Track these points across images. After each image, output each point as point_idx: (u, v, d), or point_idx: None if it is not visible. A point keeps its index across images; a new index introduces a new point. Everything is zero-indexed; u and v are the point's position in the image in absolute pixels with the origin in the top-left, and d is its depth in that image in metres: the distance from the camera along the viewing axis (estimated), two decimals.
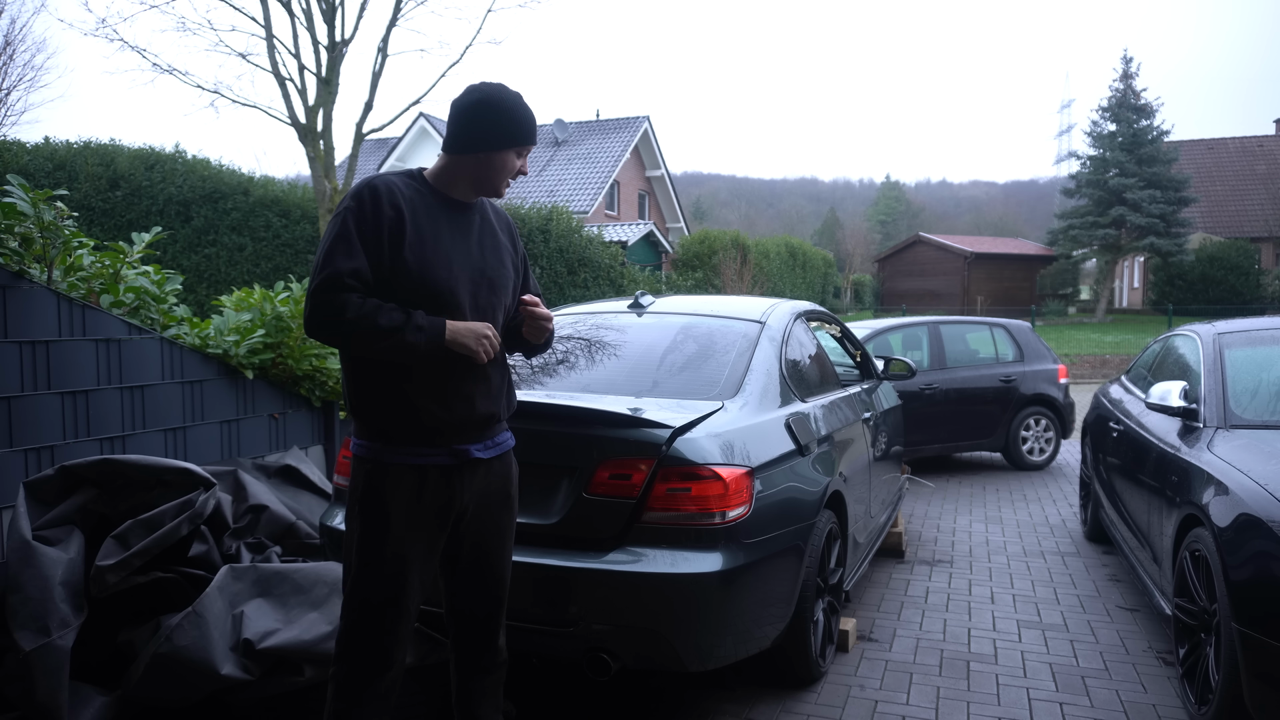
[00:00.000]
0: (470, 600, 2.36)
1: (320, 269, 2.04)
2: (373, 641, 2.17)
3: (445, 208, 2.22)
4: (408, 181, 2.20)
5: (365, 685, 2.18)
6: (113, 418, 3.44)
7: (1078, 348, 20.65)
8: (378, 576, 2.15)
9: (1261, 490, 2.86)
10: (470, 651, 2.39)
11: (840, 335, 5.13)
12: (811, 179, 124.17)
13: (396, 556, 2.16)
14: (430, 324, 2.07)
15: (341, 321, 2.01)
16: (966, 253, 36.65)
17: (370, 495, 2.17)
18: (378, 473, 2.17)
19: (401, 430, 2.16)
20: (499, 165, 2.21)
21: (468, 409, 2.20)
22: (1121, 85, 31.57)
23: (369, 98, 13.14)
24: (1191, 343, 4.37)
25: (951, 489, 7.50)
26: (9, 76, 22.12)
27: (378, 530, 2.16)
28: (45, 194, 3.33)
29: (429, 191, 2.21)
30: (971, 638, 3.97)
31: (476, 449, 2.25)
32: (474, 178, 2.23)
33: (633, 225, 26.42)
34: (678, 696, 3.31)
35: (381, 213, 2.08)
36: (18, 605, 2.60)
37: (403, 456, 2.17)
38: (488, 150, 2.19)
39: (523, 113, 2.21)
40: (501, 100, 2.19)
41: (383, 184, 2.14)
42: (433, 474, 2.19)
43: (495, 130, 2.18)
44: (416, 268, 2.10)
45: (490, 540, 2.34)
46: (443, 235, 2.17)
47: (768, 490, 3.00)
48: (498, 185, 2.25)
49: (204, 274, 16.67)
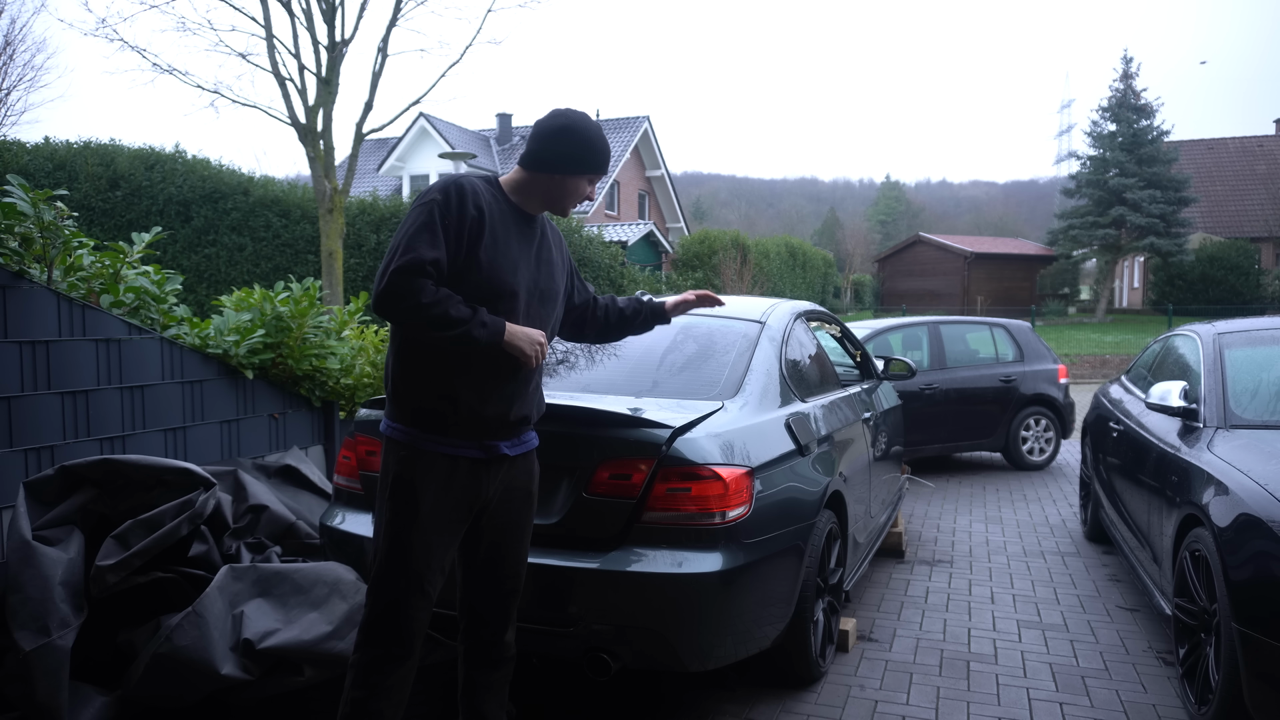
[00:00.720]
0: (485, 593, 2.43)
1: (403, 252, 2.11)
2: (397, 628, 2.24)
3: (516, 217, 2.34)
4: (488, 187, 2.31)
5: (386, 673, 2.24)
6: (113, 418, 3.44)
7: (1078, 348, 20.65)
8: (406, 561, 2.23)
9: (1261, 490, 2.86)
10: (480, 644, 2.46)
11: (840, 335, 5.13)
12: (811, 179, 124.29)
13: (423, 543, 2.24)
14: (493, 322, 2.18)
15: (418, 305, 2.09)
16: (966, 253, 36.65)
17: (402, 482, 2.25)
18: (411, 459, 2.25)
19: (439, 420, 2.25)
20: (571, 189, 2.36)
21: (505, 409, 2.30)
22: (1121, 85, 31.57)
23: (369, 98, 13.13)
24: (1191, 343, 4.37)
25: (951, 489, 7.50)
26: (9, 76, 22.13)
27: (407, 515, 2.23)
28: (45, 194, 3.33)
29: (504, 199, 2.33)
30: (971, 638, 3.97)
31: (506, 446, 2.35)
32: (546, 195, 2.36)
33: (633, 225, 26.43)
34: (678, 696, 3.31)
35: (466, 211, 2.19)
36: (18, 605, 2.60)
37: (437, 445, 2.25)
38: (564, 173, 2.33)
39: (601, 144, 2.35)
40: (585, 130, 2.32)
41: (468, 185, 2.24)
42: (463, 465, 2.28)
43: (574, 156, 2.32)
44: (487, 268, 2.21)
45: (509, 535, 2.43)
46: (512, 242, 2.29)
47: (768, 490, 3.00)
48: (566, 206, 2.39)
49: (204, 274, 16.66)
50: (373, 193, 18.35)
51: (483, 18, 14.23)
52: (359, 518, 3.22)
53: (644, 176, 34.00)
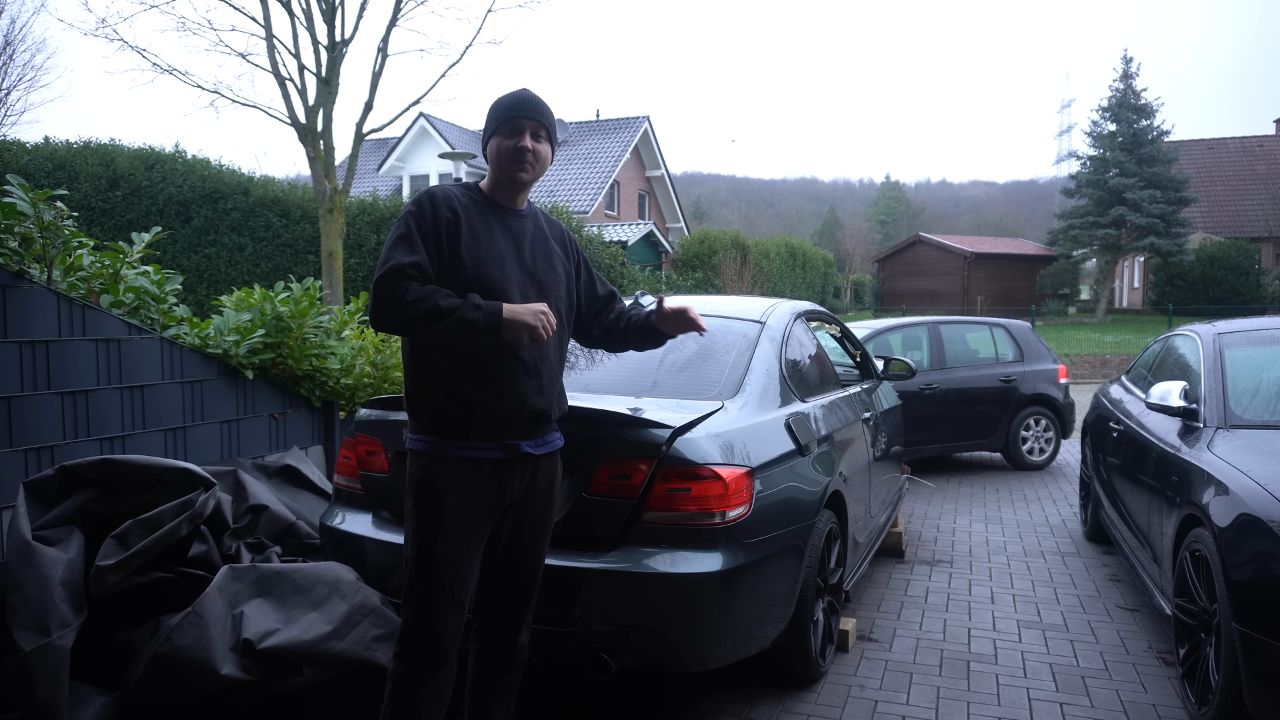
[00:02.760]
0: (501, 593, 2.43)
1: (382, 263, 2.16)
2: (429, 636, 2.24)
3: (498, 214, 2.37)
4: (464, 191, 2.36)
5: (423, 683, 2.24)
6: (113, 418, 3.44)
7: (1078, 348, 20.64)
8: (436, 569, 2.23)
9: (1261, 490, 2.86)
10: (493, 644, 2.46)
11: (840, 335, 5.13)
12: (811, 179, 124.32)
13: (451, 549, 2.24)
14: (488, 305, 2.18)
15: (405, 304, 2.11)
16: (966, 253, 36.64)
17: (425, 488, 2.26)
18: (433, 465, 2.26)
19: (456, 423, 2.26)
20: (498, 151, 2.35)
21: (519, 403, 2.29)
22: (1121, 85, 31.57)
23: (369, 98, 13.13)
24: (1191, 343, 4.37)
25: (951, 489, 7.49)
26: (9, 76, 22.13)
27: (433, 521, 2.24)
28: (45, 194, 3.33)
29: (483, 199, 2.37)
30: (971, 638, 3.97)
31: (528, 445, 2.35)
32: (499, 175, 2.37)
33: (633, 225, 26.42)
34: (678, 696, 3.31)
35: (440, 214, 2.24)
36: (18, 605, 2.60)
37: (457, 449, 2.26)
38: (487, 144, 2.38)
39: (508, 96, 2.37)
40: (501, 96, 2.38)
41: (440, 192, 2.30)
42: (486, 467, 2.28)
43: (488, 124, 2.38)
44: (471, 265, 2.24)
45: (529, 536, 2.43)
46: (496, 238, 2.32)
47: (768, 490, 3.00)
48: (505, 170, 2.35)
49: (204, 274, 16.66)
50: (373, 193, 18.36)
51: (483, 18, 14.24)
52: (359, 518, 3.22)
53: (644, 176, 33.98)
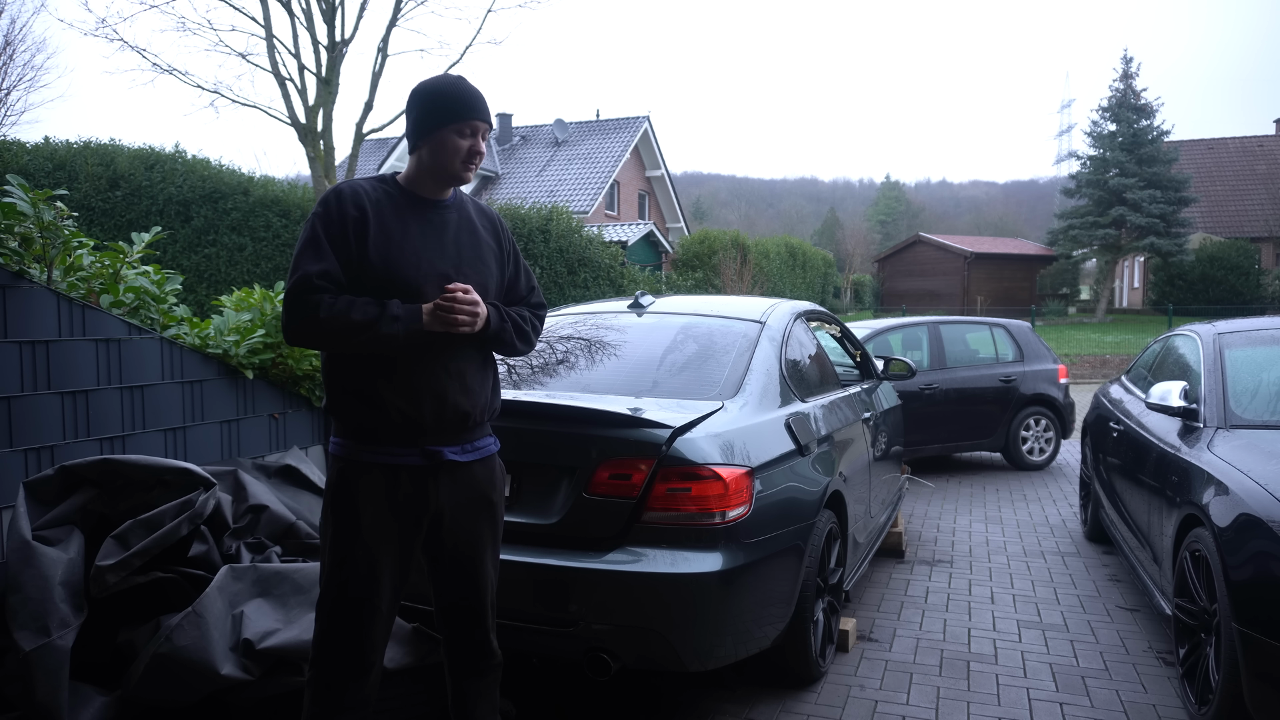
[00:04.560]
0: (455, 602, 2.34)
1: (290, 275, 2.08)
2: (348, 643, 2.16)
3: (416, 207, 2.22)
4: (376, 184, 2.22)
5: (342, 690, 2.17)
6: (113, 418, 3.44)
7: (1078, 348, 20.64)
8: (350, 576, 2.15)
9: (1261, 490, 2.86)
10: (461, 654, 2.38)
11: (840, 335, 5.13)
12: (811, 179, 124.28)
13: (368, 557, 2.15)
14: (406, 311, 2.09)
15: (316, 321, 2.03)
16: (966, 253, 36.65)
17: (341, 494, 2.17)
18: (350, 471, 2.17)
19: (373, 429, 2.16)
20: (445, 147, 2.18)
21: (438, 406, 2.17)
22: (1121, 85, 31.57)
23: (369, 98, 13.15)
24: (1191, 343, 4.37)
25: (951, 489, 7.49)
26: (9, 76, 22.16)
27: (349, 529, 2.16)
28: (45, 194, 3.33)
29: (398, 192, 2.22)
30: (971, 638, 3.97)
31: (451, 451, 2.22)
32: (432, 167, 2.21)
33: (633, 225, 26.42)
34: (677, 697, 3.31)
35: (346, 214, 2.12)
36: (18, 605, 2.60)
37: (375, 456, 2.16)
38: (429, 135, 2.18)
39: (457, 90, 2.19)
40: (435, 84, 2.19)
41: (348, 188, 2.17)
42: (404, 475, 2.18)
43: (432, 114, 2.17)
44: (381, 265, 2.12)
45: (469, 546, 2.29)
46: (411, 233, 2.18)
47: (768, 490, 3.00)
48: (452, 169, 2.20)
49: (204, 274, 16.66)
50: None
51: (483, 18, 14.30)
52: None
53: (644, 176, 33.99)
